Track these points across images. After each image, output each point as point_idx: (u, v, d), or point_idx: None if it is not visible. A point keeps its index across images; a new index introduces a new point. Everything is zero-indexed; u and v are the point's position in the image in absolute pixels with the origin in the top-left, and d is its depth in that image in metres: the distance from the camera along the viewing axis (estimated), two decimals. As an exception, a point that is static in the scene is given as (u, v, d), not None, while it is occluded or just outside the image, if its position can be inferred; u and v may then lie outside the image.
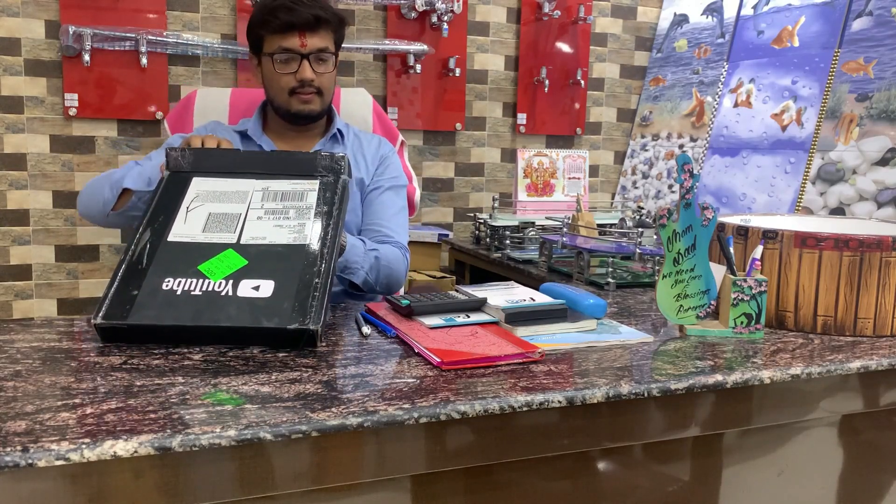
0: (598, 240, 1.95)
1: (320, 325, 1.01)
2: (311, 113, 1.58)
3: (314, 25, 1.50)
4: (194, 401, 0.81)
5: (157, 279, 1.07)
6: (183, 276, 1.08)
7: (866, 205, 2.20)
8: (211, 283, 1.07)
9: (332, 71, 1.56)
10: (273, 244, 1.14)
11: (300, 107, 1.57)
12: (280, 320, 1.01)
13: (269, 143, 1.63)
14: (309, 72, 1.52)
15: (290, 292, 1.05)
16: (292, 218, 1.19)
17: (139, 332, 1.03)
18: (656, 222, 1.17)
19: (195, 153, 1.30)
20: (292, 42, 1.50)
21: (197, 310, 1.03)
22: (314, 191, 1.24)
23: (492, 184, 3.11)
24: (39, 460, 0.67)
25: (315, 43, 1.51)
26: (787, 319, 1.22)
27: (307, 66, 1.52)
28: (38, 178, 2.48)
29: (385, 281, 1.52)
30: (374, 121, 1.88)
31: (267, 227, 1.17)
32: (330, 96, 1.60)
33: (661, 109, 3.16)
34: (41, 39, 2.43)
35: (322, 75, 1.54)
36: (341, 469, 0.79)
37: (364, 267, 1.47)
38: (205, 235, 1.15)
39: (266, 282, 1.07)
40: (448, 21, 2.83)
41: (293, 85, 1.54)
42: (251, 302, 1.04)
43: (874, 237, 1.16)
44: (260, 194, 1.23)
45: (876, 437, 1.15)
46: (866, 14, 2.38)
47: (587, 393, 0.88)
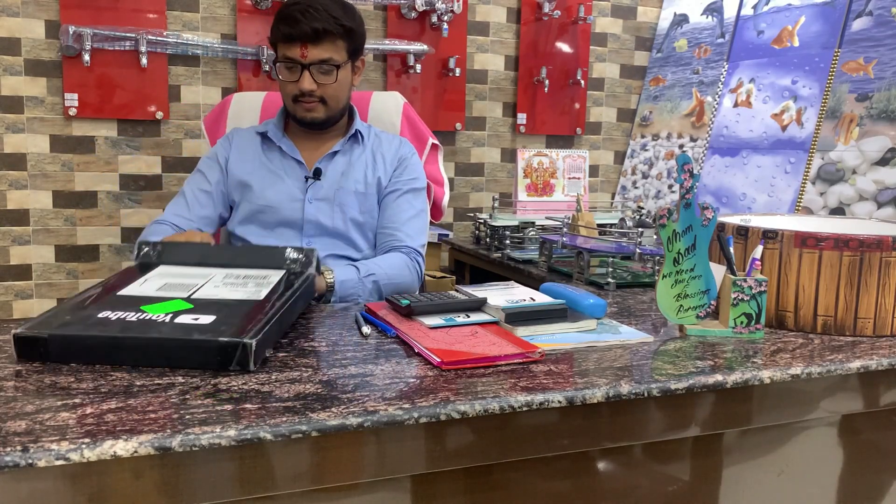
0: (598, 240, 1.95)
1: (255, 341, 0.92)
2: (314, 120, 1.59)
3: (315, 37, 1.50)
4: (194, 401, 0.81)
5: (94, 312, 1.01)
6: (122, 310, 1.01)
7: (866, 205, 2.20)
8: (149, 314, 1.00)
9: (335, 81, 1.56)
10: (223, 299, 1.08)
11: (303, 114, 1.59)
12: (213, 335, 0.93)
13: (288, 145, 1.65)
14: (307, 83, 1.53)
15: (232, 322, 0.98)
16: (249, 287, 1.13)
17: (59, 344, 0.93)
18: (656, 222, 1.17)
19: (165, 248, 1.28)
20: (294, 52, 1.52)
21: (125, 327, 0.96)
22: (279, 275, 1.19)
23: (492, 184, 3.11)
24: (39, 460, 0.67)
25: (317, 54, 1.52)
26: (787, 319, 1.22)
27: (307, 76, 1.53)
28: (38, 178, 2.48)
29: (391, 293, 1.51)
30: (403, 123, 1.86)
31: (221, 291, 1.11)
32: (338, 103, 1.60)
33: (661, 109, 3.16)
34: (41, 39, 2.43)
35: (325, 86, 1.55)
36: (341, 469, 0.79)
37: (363, 294, 1.48)
38: (156, 293, 1.10)
39: (207, 315, 1.00)
40: (448, 21, 2.83)
41: (295, 93, 1.56)
42: (186, 325, 0.97)
43: (874, 237, 1.16)
44: (223, 275, 1.19)
45: (876, 437, 1.15)
46: (866, 14, 2.38)
47: (587, 393, 0.88)
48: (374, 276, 1.50)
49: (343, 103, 1.62)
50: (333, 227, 1.63)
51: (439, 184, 1.87)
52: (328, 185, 1.63)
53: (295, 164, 1.65)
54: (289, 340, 1.08)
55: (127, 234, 2.61)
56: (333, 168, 1.65)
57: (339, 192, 1.62)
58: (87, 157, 2.52)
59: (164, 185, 2.63)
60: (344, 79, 1.58)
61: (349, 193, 1.63)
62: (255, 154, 1.67)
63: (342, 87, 1.59)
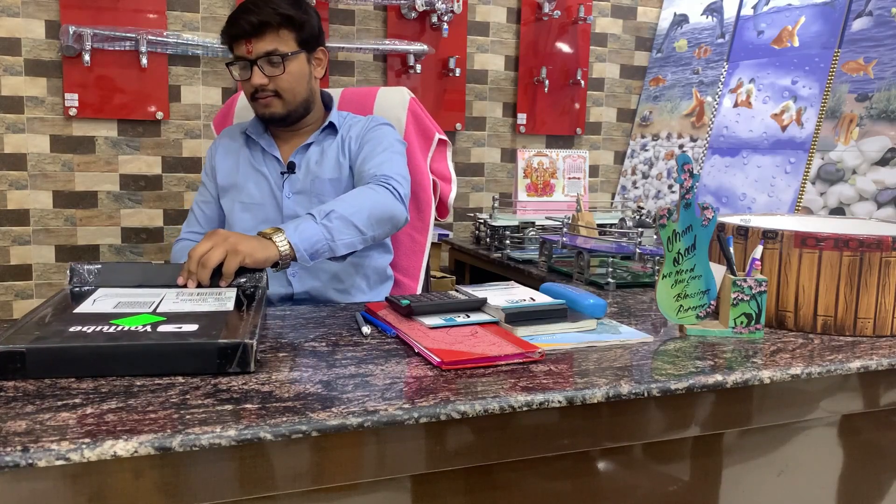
0: (598, 240, 1.95)
1: (255, 341, 0.92)
2: (273, 116, 1.57)
3: (256, 31, 1.49)
4: (194, 401, 0.81)
5: (63, 327, 0.94)
6: (93, 325, 0.96)
7: (866, 205, 2.20)
8: (126, 326, 0.96)
9: (284, 73, 1.52)
10: (194, 311, 1.04)
11: (262, 111, 1.57)
12: (209, 338, 0.91)
13: (268, 141, 1.64)
14: (257, 77, 1.51)
15: (219, 327, 0.96)
16: (210, 301, 1.10)
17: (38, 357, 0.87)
18: (656, 222, 1.17)
19: (103, 269, 1.22)
20: (241, 50, 1.52)
21: (111, 337, 0.91)
22: (232, 291, 1.17)
23: (492, 184, 3.11)
24: (39, 460, 0.67)
25: (261, 47, 1.50)
26: (787, 319, 1.22)
27: (256, 71, 1.51)
28: (38, 178, 2.48)
29: (372, 223, 1.39)
30: (409, 119, 1.83)
31: (184, 305, 1.08)
32: (295, 96, 1.56)
33: (661, 109, 3.16)
34: (41, 39, 2.43)
35: (276, 78, 1.52)
36: (341, 469, 0.79)
37: (331, 237, 1.32)
38: (117, 310, 1.04)
39: (188, 325, 0.97)
40: (448, 21, 2.83)
41: (251, 91, 1.55)
42: (176, 332, 0.94)
43: (874, 237, 1.16)
44: (174, 293, 1.15)
45: (876, 437, 1.15)
46: (866, 14, 2.38)
47: (587, 393, 0.88)
48: (333, 213, 1.33)
49: (302, 96, 1.58)
50: None
51: (446, 180, 1.85)
52: (304, 178, 1.61)
53: (274, 161, 1.64)
54: (289, 340, 1.08)
55: (127, 234, 2.61)
56: (307, 159, 1.62)
57: (315, 183, 1.60)
58: (88, 157, 2.52)
59: (164, 185, 2.63)
60: (296, 70, 1.55)
61: (324, 182, 1.60)
62: (239, 153, 1.67)
63: (296, 79, 1.55)
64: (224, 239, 1.19)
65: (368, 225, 1.38)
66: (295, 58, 1.54)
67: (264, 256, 1.22)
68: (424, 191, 1.79)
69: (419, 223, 1.79)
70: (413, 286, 1.79)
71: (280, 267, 1.26)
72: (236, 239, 1.20)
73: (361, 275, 1.64)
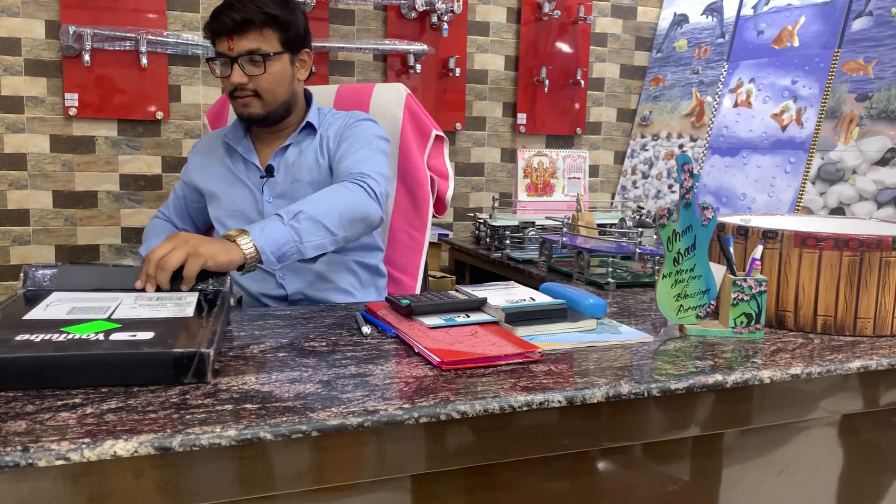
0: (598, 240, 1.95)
1: (212, 350, 0.87)
2: (252, 116, 1.54)
3: (239, 28, 1.47)
4: (194, 401, 0.81)
5: (8, 336, 0.89)
6: (42, 333, 0.90)
7: (866, 205, 2.20)
8: (77, 335, 0.90)
9: (265, 73, 1.49)
10: (151, 318, 0.99)
11: (241, 110, 1.54)
12: (164, 347, 0.86)
13: (246, 146, 1.61)
14: (237, 75, 1.48)
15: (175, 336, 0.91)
16: (170, 307, 1.05)
17: None
18: (656, 222, 1.17)
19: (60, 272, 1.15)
20: (222, 46, 1.49)
21: (60, 346, 0.86)
22: (194, 296, 1.11)
23: (492, 184, 3.11)
24: (39, 460, 0.67)
25: (244, 45, 1.47)
26: (787, 319, 1.22)
27: (236, 69, 1.48)
28: (38, 178, 2.48)
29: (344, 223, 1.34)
30: (405, 116, 1.80)
31: (142, 311, 1.02)
32: (275, 97, 1.54)
33: (661, 109, 3.16)
34: (41, 39, 2.43)
35: (257, 77, 1.49)
36: (341, 469, 0.79)
37: (299, 239, 1.27)
38: (69, 316, 0.99)
39: (143, 333, 0.92)
40: (448, 21, 2.83)
41: (231, 89, 1.51)
42: (129, 341, 0.89)
43: (874, 237, 1.16)
44: (132, 297, 1.09)
45: (876, 437, 1.15)
46: (866, 14, 2.38)
47: (587, 393, 0.88)
48: (302, 214, 1.28)
49: (282, 97, 1.55)
50: None
51: (444, 177, 1.83)
52: (283, 181, 1.57)
53: (253, 167, 1.60)
54: (289, 340, 1.08)
55: (127, 234, 2.61)
56: (286, 162, 1.58)
57: (295, 186, 1.56)
58: (88, 157, 2.52)
59: (164, 185, 2.63)
60: (278, 71, 1.52)
61: (304, 184, 1.55)
62: (218, 161, 1.64)
63: (277, 80, 1.52)
64: (185, 241, 1.14)
65: (340, 225, 1.33)
66: (277, 58, 1.51)
67: (227, 259, 1.16)
68: (422, 188, 1.77)
69: (417, 220, 1.78)
70: (412, 284, 1.77)
71: (246, 270, 1.21)
72: (198, 241, 1.15)
73: (350, 273, 1.62)
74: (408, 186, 1.78)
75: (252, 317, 1.22)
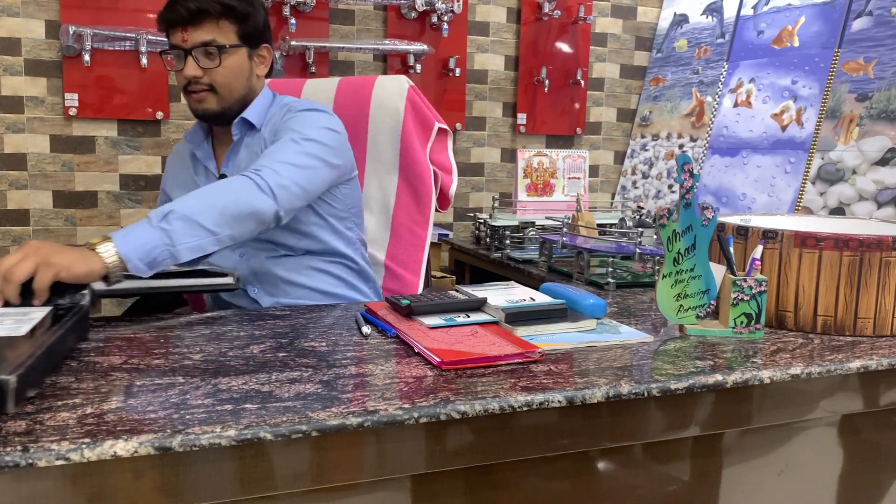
0: (598, 240, 1.95)
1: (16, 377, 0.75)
2: (206, 112, 1.46)
3: (193, 19, 1.39)
4: (194, 401, 0.81)
5: None
6: None
7: (866, 205, 2.20)
8: None
9: (220, 66, 1.42)
10: None
11: (195, 105, 1.46)
12: None
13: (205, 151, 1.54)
14: (191, 68, 1.41)
15: None
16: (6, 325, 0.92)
17: None
18: (656, 222, 1.17)
19: None
20: (176, 38, 1.42)
21: None
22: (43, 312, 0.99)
23: (492, 184, 3.11)
24: (39, 460, 0.67)
25: (198, 37, 1.40)
26: (786, 319, 1.21)
27: (190, 62, 1.41)
28: (38, 178, 2.48)
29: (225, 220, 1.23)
30: (407, 109, 1.74)
31: None
32: (231, 92, 1.46)
33: (661, 109, 3.16)
34: (41, 39, 2.43)
35: (211, 71, 1.42)
36: (341, 469, 0.79)
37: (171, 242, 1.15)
38: None
39: None
40: (448, 21, 2.83)
41: (184, 83, 1.44)
42: None
43: (874, 237, 1.16)
44: None
45: (876, 437, 1.15)
46: (866, 14, 2.38)
47: (587, 393, 0.88)
48: (172, 214, 1.17)
49: (239, 93, 1.47)
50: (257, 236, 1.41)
51: (447, 171, 1.79)
52: None
53: (211, 174, 1.53)
54: (289, 340, 1.08)
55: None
56: (236, 166, 1.50)
57: None
58: (87, 157, 2.52)
59: (164, 185, 2.63)
60: (235, 65, 1.45)
61: None
62: (185, 167, 1.58)
63: (233, 74, 1.45)
64: (35, 250, 1.03)
65: (221, 223, 1.22)
66: (234, 52, 1.44)
67: (85, 270, 1.05)
68: (424, 183, 1.74)
69: (419, 216, 1.74)
70: (414, 281, 1.74)
71: (112, 281, 1.11)
72: (50, 250, 1.04)
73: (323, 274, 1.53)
74: (409, 181, 1.75)
75: (252, 317, 1.22)
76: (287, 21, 2.60)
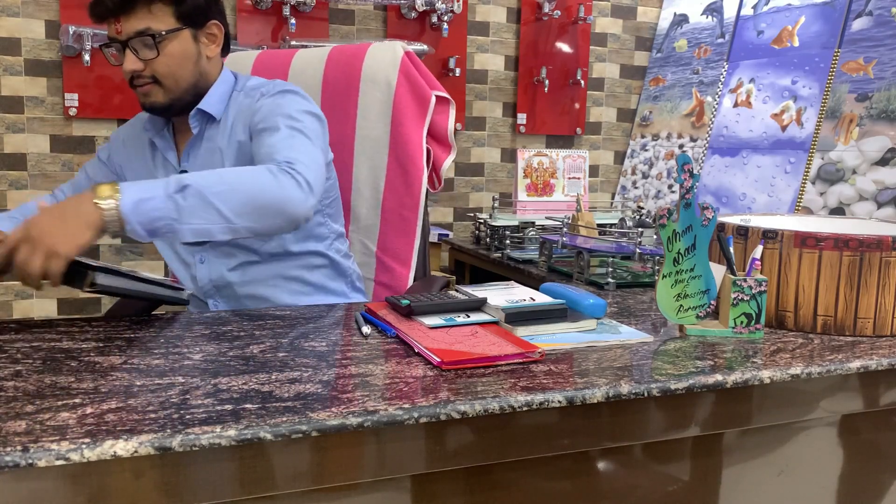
0: (598, 240, 1.95)
1: None
2: (154, 105, 1.34)
3: (123, 8, 1.27)
4: (194, 401, 0.81)
5: None
6: None
7: (866, 205, 2.20)
8: None
9: (158, 55, 1.30)
10: None
11: (142, 100, 1.35)
12: None
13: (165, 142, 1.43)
14: (130, 62, 1.29)
15: None
16: None
17: None
18: (656, 222, 1.17)
19: None
20: (111, 30, 1.30)
21: None
22: None
23: (492, 184, 3.11)
24: (39, 460, 0.67)
25: (132, 26, 1.28)
26: (786, 319, 1.21)
27: (128, 54, 1.29)
28: (38, 178, 2.48)
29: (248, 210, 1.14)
30: (400, 81, 1.59)
31: None
32: (178, 82, 1.34)
33: (661, 109, 3.16)
34: (41, 39, 2.43)
35: (151, 62, 1.30)
36: (341, 469, 0.79)
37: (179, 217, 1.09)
38: None
39: None
40: (448, 21, 2.83)
41: (127, 77, 1.33)
42: None
43: (874, 237, 1.16)
44: None
45: (876, 437, 1.15)
46: (866, 14, 2.38)
47: (587, 393, 0.88)
48: (189, 189, 1.10)
49: (186, 80, 1.34)
50: None
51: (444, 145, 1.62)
52: None
53: (171, 166, 1.43)
54: (289, 340, 1.08)
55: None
56: (201, 163, 1.39)
57: None
58: (87, 157, 2.52)
59: (164, 185, 2.62)
60: (177, 51, 1.31)
61: None
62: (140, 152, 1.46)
63: (176, 62, 1.32)
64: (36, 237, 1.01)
65: (241, 213, 1.13)
66: (174, 36, 1.31)
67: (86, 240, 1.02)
68: (415, 163, 1.59)
69: (408, 199, 1.60)
70: (404, 273, 1.62)
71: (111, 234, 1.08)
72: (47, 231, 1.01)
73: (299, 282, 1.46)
74: (399, 161, 1.60)
75: (252, 316, 1.22)
76: (287, 21, 2.60)
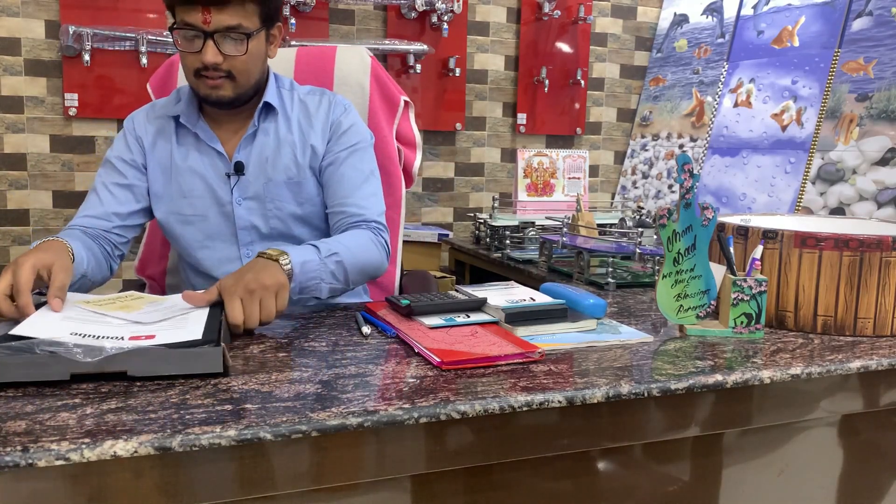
0: (598, 240, 1.95)
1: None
2: (220, 99, 1.34)
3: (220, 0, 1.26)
4: (194, 401, 0.81)
5: None
6: None
7: (866, 205, 2.20)
8: None
9: (245, 53, 1.31)
10: None
11: (207, 92, 1.33)
12: None
13: (205, 130, 1.41)
14: (211, 54, 1.27)
15: None
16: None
17: None
18: (656, 222, 1.17)
19: None
20: (195, 17, 1.26)
21: None
22: None
23: (492, 184, 3.11)
24: (39, 460, 0.67)
25: (222, 20, 1.26)
26: (787, 319, 1.21)
27: (210, 47, 1.27)
28: (38, 178, 2.48)
29: (358, 277, 1.33)
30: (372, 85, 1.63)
31: None
32: (250, 79, 1.35)
33: (661, 109, 3.16)
34: (41, 39, 2.43)
35: (233, 58, 1.30)
36: (341, 469, 0.79)
37: (324, 278, 1.25)
38: None
39: None
40: (448, 21, 2.83)
41: (198, 66, 1.30)
42: None
43: (874, 237, 1.16)
44: None
45: (876, 437, 1.15)
46: (866, 14, 2.38)
47: (587, 393, 0.88)
48: (336, 256, 1.26)
49: (255, 78, 1.37)
50: (271, 229, 1.42)
51: (411, 146, 1.68)
52: (255, 179, 1.39)
53: (215, 156, 1.40)
54: (289, 340, 1.08)
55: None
56: (257, 155, 1.40)
57: (269, 186, 1.40)
58: (87, 157, 2.52)
59: (164, 185, 2.62)
60: (256, 50, 1.33)
61: (280, 185, 1.40)
62: (170, 146, 1.42)
63: (254, 60, 1.34)
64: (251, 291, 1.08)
65: (356, 279, 1.32)
66: (258, 35, 1.32)
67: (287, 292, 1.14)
68: (393, 163, 1.64)
69: (390, 199, 1.62)
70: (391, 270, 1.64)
71: None
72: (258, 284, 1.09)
73: None
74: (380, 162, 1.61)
75: (252, 317, 1.22)
76: (287, 21, 2.61)
